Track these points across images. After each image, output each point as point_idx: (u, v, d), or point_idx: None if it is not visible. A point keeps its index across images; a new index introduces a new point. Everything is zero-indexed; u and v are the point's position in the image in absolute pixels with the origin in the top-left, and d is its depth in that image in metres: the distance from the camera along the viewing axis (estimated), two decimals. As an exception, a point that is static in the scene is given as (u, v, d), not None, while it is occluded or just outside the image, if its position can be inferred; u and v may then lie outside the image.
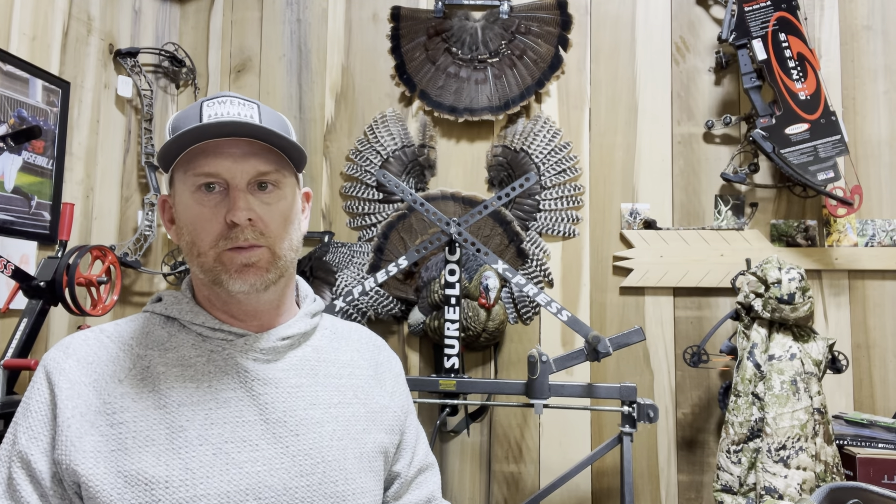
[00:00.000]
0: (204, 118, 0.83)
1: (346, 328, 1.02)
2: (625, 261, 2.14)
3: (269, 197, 0.85)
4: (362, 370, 0.96)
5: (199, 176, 0.82)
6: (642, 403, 1.69)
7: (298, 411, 0.84)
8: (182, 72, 2.36)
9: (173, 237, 0.89)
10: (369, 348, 1.01)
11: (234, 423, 0.80)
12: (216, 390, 0.82)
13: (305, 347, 0.91)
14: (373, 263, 2.23)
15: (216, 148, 0.82)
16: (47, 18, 1.86)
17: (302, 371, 0.88)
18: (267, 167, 0.84)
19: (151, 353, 0.83)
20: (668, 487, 2.09)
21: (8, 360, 1.58)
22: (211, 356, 0.84)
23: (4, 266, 1.54)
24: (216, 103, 0.85)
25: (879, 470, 1.71)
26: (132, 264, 2.11)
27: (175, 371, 0.82)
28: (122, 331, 0.87)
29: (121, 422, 0.77)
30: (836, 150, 1.95)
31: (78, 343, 0.84)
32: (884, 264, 2.04)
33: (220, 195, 0.83)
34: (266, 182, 0.85)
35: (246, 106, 0.86)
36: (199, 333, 0.86)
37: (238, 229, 0.82)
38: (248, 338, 0.86)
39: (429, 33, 2.29)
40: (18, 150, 1.74)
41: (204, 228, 0.83)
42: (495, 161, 2.24)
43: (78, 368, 0.80)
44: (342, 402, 0.89)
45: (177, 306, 0.88)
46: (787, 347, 1.76)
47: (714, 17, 2.20)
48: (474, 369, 2.20)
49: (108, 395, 0.79)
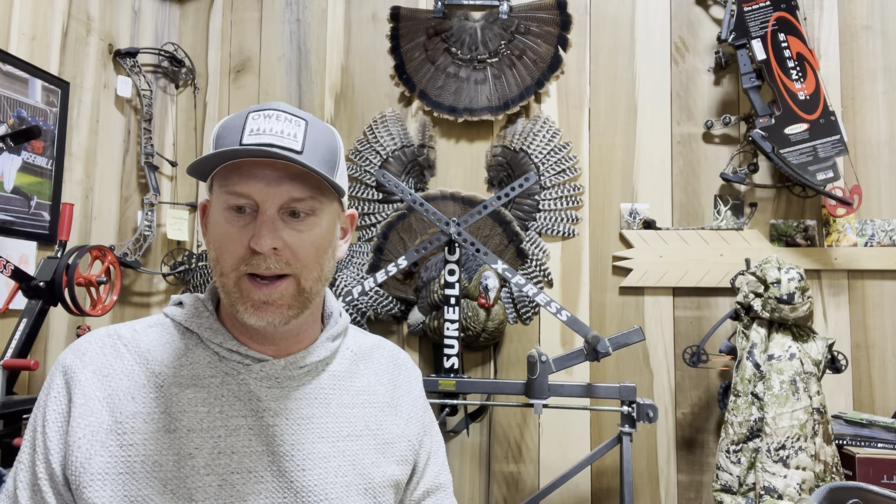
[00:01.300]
0: (245, 132, 0.78)
1: (369, 346, 0.98)
2: (624, 261, 2.14)
3: (301, 224, 0.80)
4: (378, 396, 0.92)
5: (230, 195, 0.79)
6: (642, 403, 1.69)
7: (307, 445, 0.82)
8: (181, 72, 2.36)
9: (206, 245, 0.85)
10: (389, 369, 0.97)
11: (241, 453, 0.79)
12: (227, 417, 0.80)
13: (323, 374, 0.88)
14: (372, 263, 2.23)
15: (251, 167, 0.78)
16: (47, 18, 1.86)
17: (315, 401, 0.86)
18: (301, 193, 0.79)
19: (166, 371, 0.81)
20: (667, 487, 2.09)
21: (7, 360, 1.58)
22: (225, 378, 0.82)
23: (4, 266, 1.54)
24: (261, 117, 0.79)
25: (879, 470, 1.71)
26: (131, 264, 2.11)
27: (188, 393, 0.80)
28: (139, 340, 0.83)
29: (130, 443, 0.76)
30: (835, 150, 1.96)
31: (95, 351, 0.81)
32: (883, 264, 2.04)
33: (250, 217, 0.79)
34: (298, 210, 0.79)
35: (292, 122, 0.79)
36: (216, 352, 0.83)
37: (260, 257, 0.77)
38: (265, 364, 0.83)
39: (428, 33, 2.29)
40: (18, 151, 1.74)
41: (228, 249, 0.79)
42: (495, 161, 2.24)
43: (94, 381, 0.78)
44: (352, 434, 0.87)
45: (197, 320, 0.85)
46: (786, 347, 1.76)
47: (713, 18, 2.20)
48: (474, 369, 2.20)
49: (120, 412, 0.77)
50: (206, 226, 0.86)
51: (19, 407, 1.55)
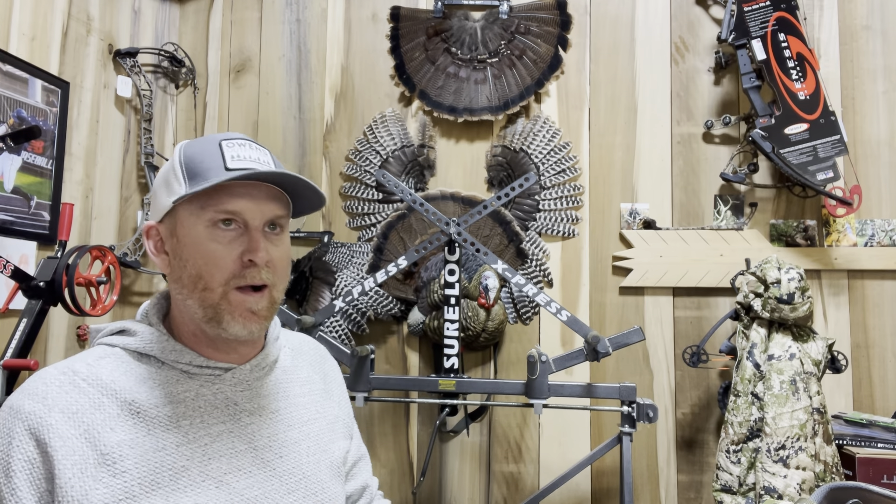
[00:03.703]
0: (227, 159, 0.86)
1: (298, 341, 1.07)
2: (624, 261, 2.14)
3: (277, 239, 0.89)
4: (316, 384, 1.02)
5: (220, 212, 0.84)
6: (642, 403, 1.69)
7: (279, 435, 0.91)
8: (181, 72, 2.36)
9: (162, 267, 0.89)
10: (317, 360, 1.07)
11: (228, 454, 0.85)
12: (208, 425, 0.85)
13: (276, 370, 0.97)
14: (372, 263, 2.23)
15: (240, 189, 0.85)
16: (47, 18, 1.86)
17: (278, 396, 0.94)
18: (281, 211, 0.89)
19: (138, 398, 0.82)
20: (667, 487, 2.09)
21: (7, 360, 1.57)
22: (199, 391, 0.87)
23: (4, 266, 1.54)
24: (236, 145, 0.88)
25: (879, 470, 1.71)
26: (131, 264, 2.11)
27: (166, 411, 0.83)
28: (96, 373, 0.83)
29: (123, 471, 0.77)
30: (835, 150, 1.96)
31: (55, 392, 0.79)
32: (883, 264, 2.04)
33: (236, 233, 0.85)
34: (277, 224, 0.89)
35: (261, 151, 0.90)
36: (183, 371, 0.87)
37: (255, 269, 0.85)
38: (234, 371, 0.89)
39: (428, 33, 2.29)
40: (18, 151, 1.74)
41: (217, 264, 0.83)
42: (495, 161, 2.24)
43: (64, 421, 0.77)
44: (310, 419, 0.97)
45: (156, 345, 0.87)
46: (786, 347, 1.76)
47: (713, 17, 2.20)
48: (474, 369, 2.20)
49: (103, 445, 0.78)
50: (158, 248, 0.90)
51: (19, 407, 1.54)
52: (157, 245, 0.90)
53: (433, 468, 2.17)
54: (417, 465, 2.18)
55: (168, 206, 0.86)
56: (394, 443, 2.20)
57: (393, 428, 2.21)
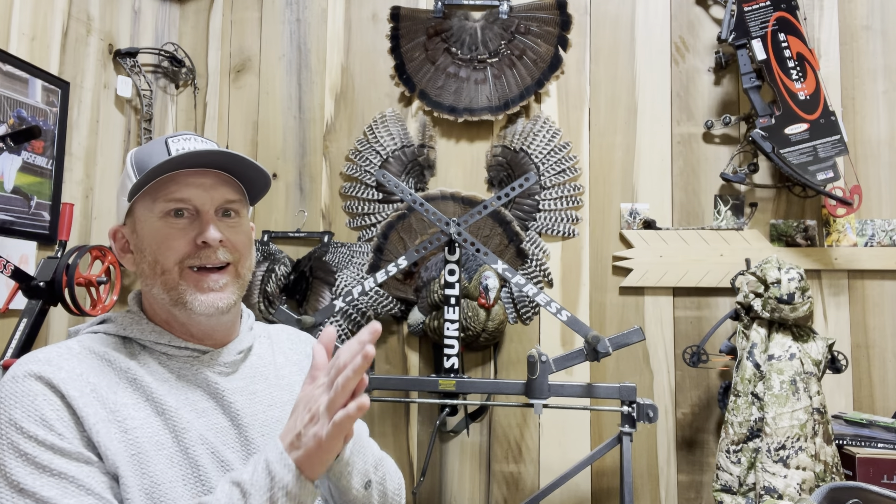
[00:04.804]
0: (171, 151, 0.90)
1: (275, 331, 1.12)
2: (624, 261, 2.14)
3: (233, 222, 0.93)
4: (294, 368, 1.06)
5: (169, 202, 0.88)
6: (642, 403, 1.69)
7: (260, 414, 0.94)
8: (182, 72, 2.36)
9: (129, 265, 0.94)
10: (296, 345, 1.11)
11: (215, 429, 0.88)
12: (193, 401, 0.88)
13: (252, 357, 1.00)
14: (372, 263, 2.23)
15: (186, 177, 0.89)
16: (47, 18, 1.86)
17: (256, 378, 0.98)
18: (233, 196, 0.93)
19: (132, 368, 0.86)
20: (667, 487, 2.09)
21: (7, 360, 1.58)
22: (180, 372, 0.90)
23: (4, 266, 1.54)
24: (181, 139, 0.93)
25: (879, 470, 1.71)
26: (132, 264, 2.10)
27: (156, 385, 0.86)
28: (89, 346, 0.87)
29: (131, 427, 0.81)
30: (835, 150, 1.96)
31: (55, 356, 0.83)
32: (883, 264, 2.04)
33: (189, 220, 0.89)
34: (230, 210, 0.93)
35: (208, 143, 0.94)
36: (163, 353, 0.90)
37: (210, 250, 0.89)
38: (211, 353, 0.93)
39: (428, 33, 2.29)
40: (18, 150, 1.74)
41: (170, 247, 0.88)
42: (495, 161, 2.24)
43: (73, 380, 0.81)
44: (289, 400, 0.99)
45: (136, 327, 0.91)
46: (786, 347, 1.76)
47: (713, 17, 2.20)
48: (474, 369, 2.20)
49: (111, 404, 0.82)
50: (123, 249, 0.95)
51: (19, 407, 1.54)
52: (124, 246, 0.95)
53: (433, 468, 2.17)
54: (417, 465, 2.18)
55: (126, 206, 0.92)
56: (394, 443, 2.20)
57: (393, 428, 2.21)
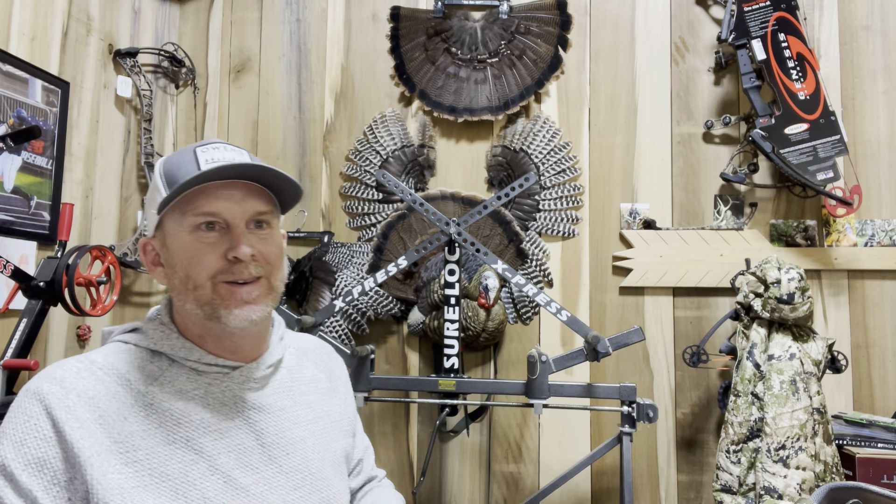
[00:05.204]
0: (201, 162, 0.88)
1: (304, 342, 1.09)
2: (624, 261, 2.14)
3: (265, 234, 0.91)
4: (321, 383, 1.04)
5: (199, 216, 0.86)
6: (642, 403, 1.69)
7: (286, 432, 0.92)
8: (181, 72, 2.36)
9: (160, 279, 0.92)
10: (324, 360, 1.09)
11: (237, 450, 0.87)
12: (218, 420, 0.87)
13: (282, 370, 0.98)
14: (372, 263, 2.23)
15: (216, 190, 0.86)
16: (47, 18, 1.86)
17: (283, 394, 0.96)
18: (264, 207, 0.90)
19: (152, 390, 0.85)
20: (667, 487, 2.09)
21: (7, 360, 1.58)
22: (208, 388, 0.89)
23: (4, 266, 1.54)
24: (210, 149, 0.90)
25: (879, 470, 1.71)
26: (132, 264, 2.11)
27: (178, 406, 0.85)
28: (112, 363, 0.86)
29: (135, 460, 0.80)
30: (835, 150, 1.96)
31: (72, 376, 0.82)
32: (883, 264, 2.04)
33: (220, 234, 0.87)
34: (262, 221, 0.91)
35: (237, 151, 0.91)
36: (192, 368, 0.89)
37: (242, 265, 0.87)
38: (241, 369, 0.91)
39: (428, 33, 2.29)
40: (18, 151, 1.74)
41: (201, 262, 0.86)
42: (495, 161, 2.24)
43: (81, 405, 0.80)
44: (315, 417, 0.98)
45: (167, 342, 0.89)
46: (786, 347, 1.76)
47: (713, 17, 2.20)
48: (474, 369, 2.20)
49: (117, 433, 0.80)
50: (153, 262, 0.93)
51: (19, 407, 1.54)
52: (154, 259, 0.93)
53: (433, 468, 2.17)
54: (417, 465, 2.18)
55: (156, 218, 0.90)
56: (394, 443, 2.20)
57: (393, 428, 2.21)
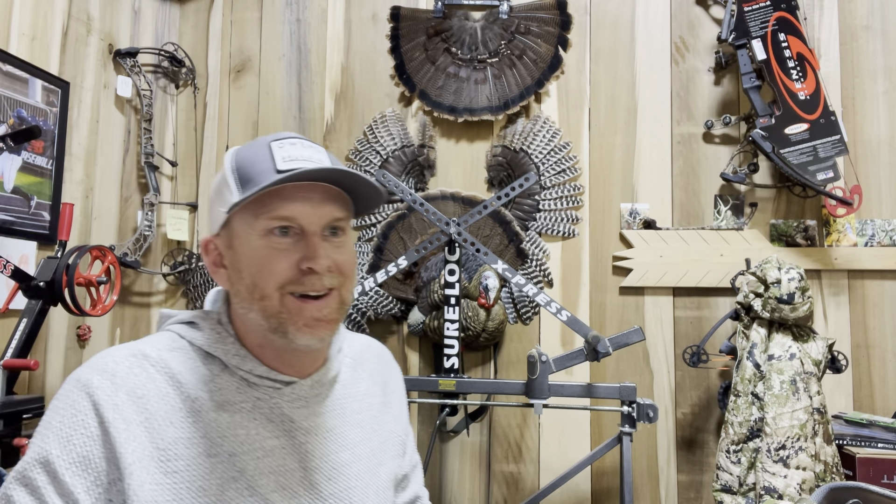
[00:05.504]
0: (277, 160, 0.81)
1: (360, 347, 1.01)
2: (624, 261, 2.14)
3: (339, 241, 0.84)
4: (375, 397, 0.97)
5: (273, 219, 0.79)
6: (642, 403, 1.69)
7: (331, 455, 0.86)
8: (181, 72, 2.36)
9: (221, 281, 0.86)
10: (379, 368, 1.02)
11: (278, 472, 0.81)
12: (263, 438, 0.82)
13: (336, 385, 0.92)
14: (372, 263, 2.23)
15: (293, 192, 0.80)
16: (47, 18, 1.86)
17: (334, 413, 0.89)
18: (341, 213, 0.84)
19: (201, 396, 0.80)
20: (667, 487, 2.09)
21: (7, 360, 1.58)
22: (257, 403, 0.83)
23: (4, 266, 1.54)
24: (287, 145, 0.82)
25: (879, 470, 1.71)
26: (132, 264, 2.11)
27: (224, 417, 0.80)
28: (166, 360, 0.81)
29: (174, 470, 0.76)
30: (835, 149, 1.96)
31: (124, 371, 0.78)
32: (883, 264, 2.04)
33: (294, 240, 0.81)
34: (337, 227, 0.84)
35: (314, 149, 0.84)
36: (243, 378, 0.84)
37: (315, 277, 0.80)
38: (294, 386, 0.85)
39: (428, 33, 2.29)
40: (18, 150, 1.74)
41: (271, 270, 0.79)
42: (495, 161, 2.24)
43: (130, 404, 0.76)
44: (362, 438, 0.92)
45: (221, 346, 0.84)
46: (786, 347, 1.76)
47: (713, 17, 2.20)
48: (474, 369, 2.20)
49: (161, 439, 0.76)
50: (216, 262, 0.86)
51: (19, 407, 1.55)
52: (216, 259, 0.86)
53: (433, 468, 2.17)
54: (417, 465, 2.18)
55: (223, 217, 0.83)
56: (394, 443, 2.20)
57: (393, 428, 2.21)
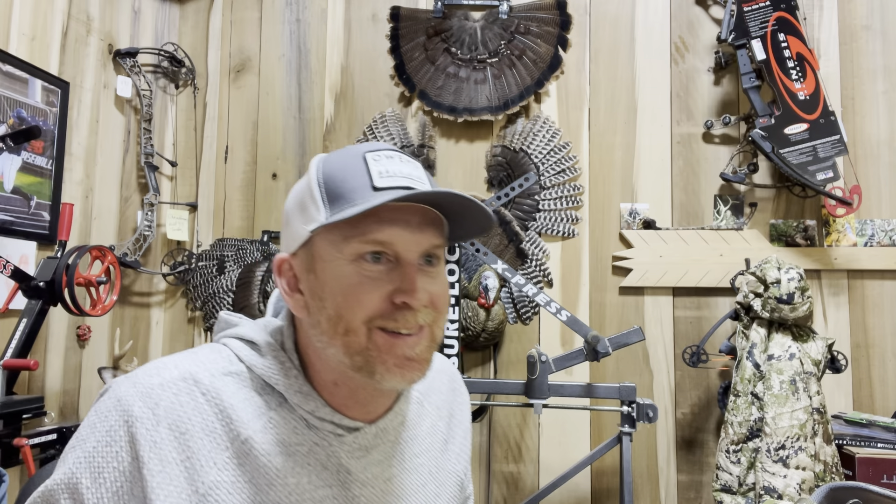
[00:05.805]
0: (374, 175, 0.71)
1: (431, 375, 0.90)
2: (624, 261, 2.14)
3: (434, 272, 0.74)
4: (438, 436, 0.88)
5: (366, 243, 0.70)
6: (642, 403, 1.69)
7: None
8: (181, 72, 2.36)
9: (298, 309, 0.75)
10: (447, 399, 0.93)
11: None
12: (314, 487, 0.73)
13: (399, 426, 0.83)
14: (372, 263, 2.23)
15: (391, 214, 0.70)
16: (46, 18, 1.86)
17: (394, 460, 0.81)
18: (438, 240, 0.74)
19: (251, 435, 0.72)
20: (667, 487, 2.09)
21: (7, 361, 1.58)
22: (313, 448, 0.74)
23: (4, 266, 1.54)
24: (383, 158, 0.73)
25: (879, 470, 1.71)
26: (131, 264, 2.11)
27: (276, 461, 0.72)
28: (218, 389, 0.72)
29: None
30: (835, 149, 1.96)
31: (169, 400, 0.70)
32: (883, 264, 2.04)
33: (386, 267, 0.71)
34: (432, 256, 0.74)
35: (412, 164, 0.75)
36: (303, 418, 0.75)
37: (410, 312, 0.71)
38: (357, 434, 0.77)
39: (428, 33, 2.29)
40: (18, 151, 1.74)
41: (359, 301, 0.70)
42: (495, 161, 2.24)
43: (170, 441, 0.68)
44: (419, 484, 0.83)
45: (284, 379, 0.75)
46: (786, 347, 1.76)
47: (713, 17, 2.20)
48: (474, 369, 2.20)
49: (201, 483, 0.68)
50: (291, 286, 0.76)
51: (19, 407, 1.55)
52: (291, 283, 0.76)
53: (433, 468, 2.17)
54: (417, 465, 2.18)
55: (305, 236, 0.72)
56: (394, 443, 2.20)
57: (393, 428, 2.21)
